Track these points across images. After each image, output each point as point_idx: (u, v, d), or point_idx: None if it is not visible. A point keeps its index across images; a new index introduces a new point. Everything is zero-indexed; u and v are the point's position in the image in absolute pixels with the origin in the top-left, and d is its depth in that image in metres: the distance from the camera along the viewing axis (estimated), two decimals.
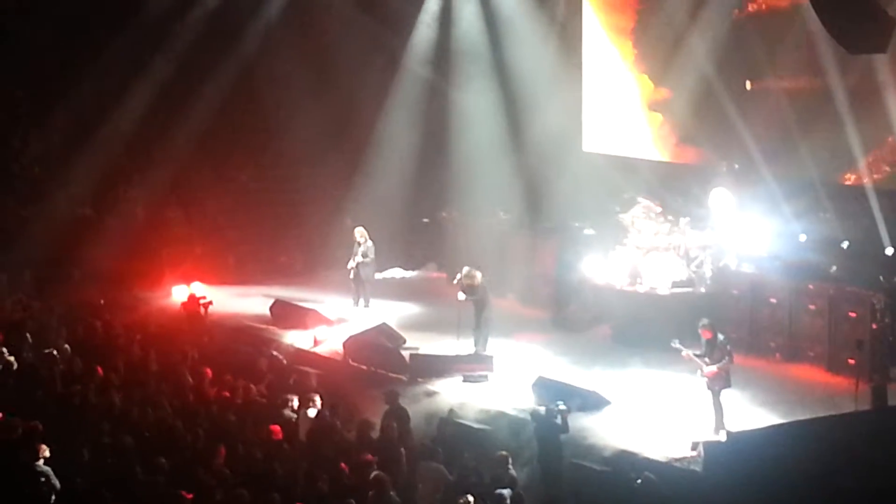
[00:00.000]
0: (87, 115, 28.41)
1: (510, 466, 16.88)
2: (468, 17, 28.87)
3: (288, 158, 29.51)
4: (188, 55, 28.63)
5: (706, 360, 18.41)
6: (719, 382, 18.36)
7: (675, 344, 18.79)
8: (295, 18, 29.06)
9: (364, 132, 29.02)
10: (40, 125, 28.51)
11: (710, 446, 17.29)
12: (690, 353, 18.55)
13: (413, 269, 29.67)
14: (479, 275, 22.37)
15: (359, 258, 25.71)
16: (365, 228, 25.90)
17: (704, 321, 18.75)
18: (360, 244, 25.81)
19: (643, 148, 27.26)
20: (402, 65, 29.25)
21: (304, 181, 29.75)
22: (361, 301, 25.84)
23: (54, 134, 28.58)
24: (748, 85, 25.09)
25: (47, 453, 15.43)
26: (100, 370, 19.51)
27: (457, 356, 21.69)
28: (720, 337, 18.55)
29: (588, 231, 25.63)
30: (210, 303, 24.51)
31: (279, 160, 29.64)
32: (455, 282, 22.65)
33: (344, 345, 22.56)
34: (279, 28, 29.02)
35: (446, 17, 29.04)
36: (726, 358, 18.41)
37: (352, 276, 25.82)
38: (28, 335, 21.57)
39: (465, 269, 22.46)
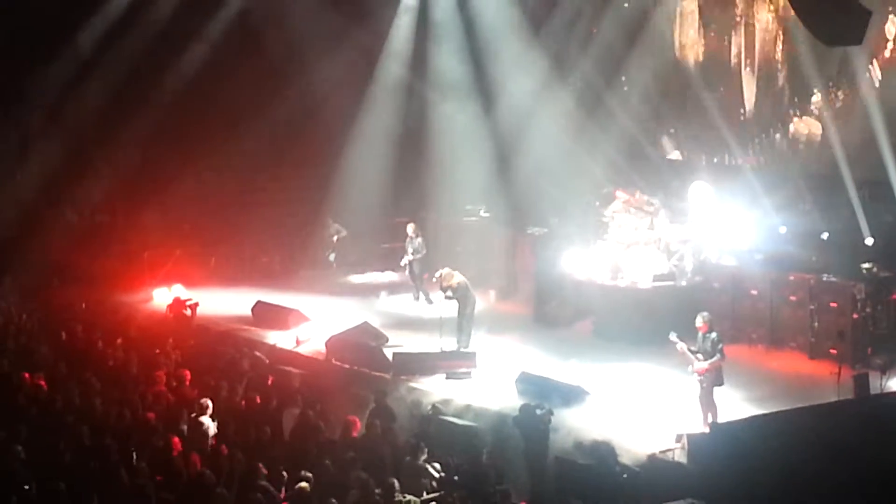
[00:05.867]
0: (62, 116, 28.32)
1: (495, 462, 16.87)
2: (444, 13, 28.78)
3: (266, 160, 29.42)
4: (161, 55, 28.55)
5: (699, 355, 18.37)
6: (709, 379, 18.31)
7: (673, 337, 18.72)
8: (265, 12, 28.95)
9: (341, 131, 28.95)
10: (15, 123, 28.43)
11: (693, 438, 17.27)
12: (685, 347, 18.49)
13: (394, 269, 29.58)
14: (456, 275, 22.43)
15: (410, 255, 25.80)
16: (416, 224, 26.22)
17: (705, 314, 18.65)
18: (411, 239, 25.88)
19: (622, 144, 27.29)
20: (376, 62, 29.16)
21: (283, 182, 29.68)
22: (422, 295, 25.88)
23: (32, 136, 28.53)
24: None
25: None
26: (80, 373, 19.40)
27: (439, 353, 21.69)
28: (714, 335, 18.47)
29: (568, 227, 25.60)
30: (196, 304, 24.39)
31: (257, 162, 29.53)
32: (434, 281, 22.70)
33: (326, 344, 22.52)
34: (251, 28, 28.89)
35: (423, 14, 28.95)
36: (718, 355, 18.35)
37: (407, 272, 25.99)
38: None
39: (444, 271, 22.58)
